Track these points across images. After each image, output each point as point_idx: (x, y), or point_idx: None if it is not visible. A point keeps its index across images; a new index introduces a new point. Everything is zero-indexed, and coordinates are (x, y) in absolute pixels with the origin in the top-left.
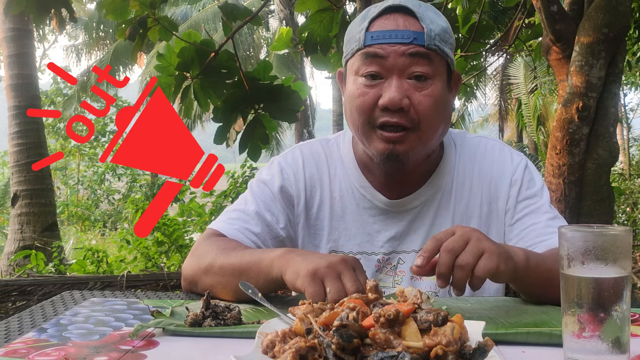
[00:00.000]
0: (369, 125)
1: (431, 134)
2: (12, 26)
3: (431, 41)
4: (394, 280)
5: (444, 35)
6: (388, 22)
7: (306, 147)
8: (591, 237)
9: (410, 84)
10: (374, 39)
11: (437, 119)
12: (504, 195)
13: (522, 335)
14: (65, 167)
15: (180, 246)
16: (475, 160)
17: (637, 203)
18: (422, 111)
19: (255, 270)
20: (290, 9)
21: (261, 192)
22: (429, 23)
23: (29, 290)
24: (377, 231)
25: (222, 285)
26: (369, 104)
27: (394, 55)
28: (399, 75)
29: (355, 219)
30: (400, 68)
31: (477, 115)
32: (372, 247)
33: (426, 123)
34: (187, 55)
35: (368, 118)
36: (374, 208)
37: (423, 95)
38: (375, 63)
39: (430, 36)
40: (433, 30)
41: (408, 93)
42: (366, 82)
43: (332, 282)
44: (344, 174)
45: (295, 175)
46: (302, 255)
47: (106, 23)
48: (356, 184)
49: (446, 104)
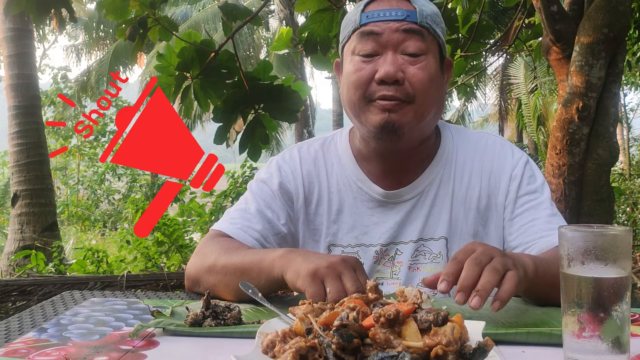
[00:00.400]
0: (365, 100)
1: (426, 108)
2: (12, 26)
3: (423, 19)
4: (391, 271)
5: (435, 18)
6: (382, 3)
7: (303, 145)
8: (591, 237)
9: (405, 59)
10: (369, 17)
11: (431, 93)
12: (503, 189)
13: (522, 335)
14: (65, 167)
15: (180, 246)
16: (475, 153)
17: (637, 203)
18: (416, 83)
19: (256, 270)
20: (290, 9)
21: (261, 191)
22: (421, 5)
23: (29, 290)
24: (375, 223)
25: (225, 284)
26: (365, 79)
27: (389, 32)
28: (393, 50)
29: (353, 212)
30: (394, 44)
31: (477, 115)
32: (369, 239)
33: (421, 96)
34: (187, 55)
35: (364, 92)
36: (371, 200)
37: (417, 68)
38: (370, 40)
39: (422, 15)
40: (425, 11)
41: (403, 67)
42: (362, 59)
43: (333, 282)
44: (340, 169)
45: (293, 172)
46: (302, 256)
47: (106, 23)
48: (353, 177)
49: (439, 83)
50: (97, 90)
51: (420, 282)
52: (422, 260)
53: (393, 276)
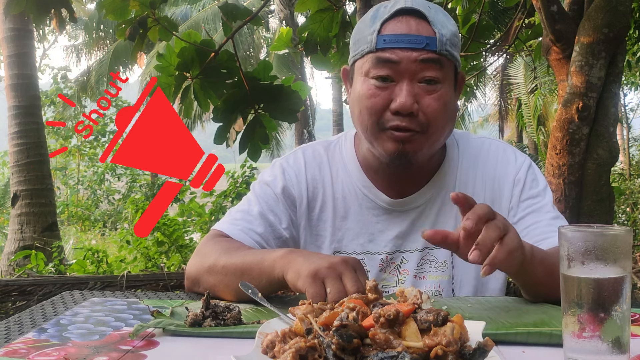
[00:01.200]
0: (379, 127)
1: (438, 136)
2: (12, 26)
3: (443, 46)
4: (397, 280)
5: (453, 40)
6: (401, 26)
7: (308, 149)
8: (591, 237)
9: (421, 88)
10: (386, 42)
11: (444, 121)
12: (507, 194)
13: (522, 335)
14: (65, 167)
15: (180, 246)
16: (478, 160)
17: (637, 203)
18: (431, 114)
19: (257, 270)
20: (290, 9)
21: (264, 193)
22: (441, 28)
23: (29, 290)
24: (380, 231)
25: (225, 284)
26: (379, 106)
27: (407, 61)
28: (410, 79)
29: (358, 219)
30: (412, 73)
31: (477, 115)
32: (375, 247)
33: (434, 126)
34: (187, 55)
35: (378, 120)
36: (376, 208)
37: (432, 99)
38: (387, 67)
39: (442, 42)
40: (444, 35)
41: (418, 97)
42: (377, 84)
43: (333, 282)
44: (346, 175)
45: (297, 176)
46: (303, 256)
47: (106, 23)
48: (359, 184)
49: (453, 107)
50: (97, 90)
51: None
52: (427, 269)
53: (399, 284)
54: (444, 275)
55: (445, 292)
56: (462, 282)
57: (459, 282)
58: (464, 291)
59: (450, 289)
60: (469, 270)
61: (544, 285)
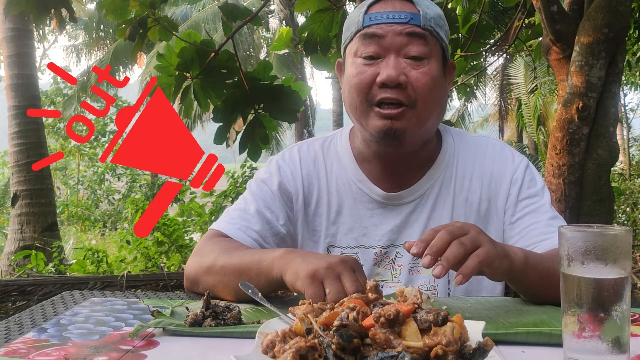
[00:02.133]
0: (367, 103)
1: (428, 113)
2: (12, 26)
3: (427, 22)
4: (392, 274)
5: (438, 20)
6: (386, 5)
7: (303, 145)
8: (591, 237)
9: (408, 63)
10: (372, 19)
11: (433, 98)
12: (503, 193)
13: (522, 335)
14: (65, 167)
15: (180, 246)
16: (476, 157)
17: (637, 203)
18: (419, 88)
19: (255, 270)
20: (290, 9)
21: (260, 191)
22: (425, 7)
23: (29, 290)
24: (375, 224)
25: (224, 284)
26: (367, 82)
27: (392, 35)
28: (396, 53)
29: (353, 212)
30: (397, 47)
31: (477, 115)
32: (369, 241)
33: (423, 100)
34: (187, 55)
35: (366, 96)
36: (371, 201)
37: (420, 72)
38: (373, 43)
39: (426, 18)
40: (428, 14)
41: (405, 70)
42: (365, 62)
43: (332, 283)
44: (340, 169)
45: (293, 172)
46: (302, 256)
47: (106, 23)
48: (353, 178)
49: (441, 86)
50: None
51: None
52: None
53: (393, 279)
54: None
55: (441, 287)
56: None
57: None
58: (459, 287)
59: (445, 284)
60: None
61: (539, 289)
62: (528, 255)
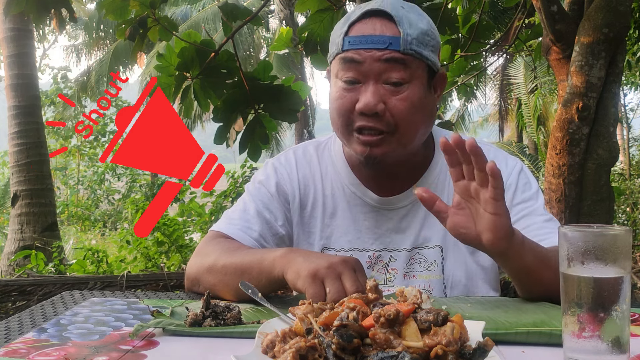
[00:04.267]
0: (348, 129)
1: (409, 137)
2: (12, 26)
3: (407, 46)
4: (386, 278)
5: (422, 39)
6: (366, 27)
7: (299, 149)
8: (591, 237)
9: (387, 89)
10: (351, 43)
11: (414, 122)
12: None
13: (522, 335)
14: (65, 167)
15: (180, 246)
16: None
17: (637, 203)
18: (398, 115)
19: (257, 269)
20: (290, 9)
21: (258, 192)
22: (407, 27)
23: (29, 290)
24: (368, 228)
25: (224, 284)
26: (346, 108)
27: (370, 61)
28: (375, 80)
29: (347, 216)
30: (376, 73)
31: (477, 115)
32: (363, 244)
33: (403, 126)
34: (187, 55)
35: (346, 121)
36: (364, 205)
37: (398, 99)
38: (352, 68)
39: (406, 40)
40: (410, 35)
41: (384, 98)
42: (344, 87)
43: (332, 282)
44: (334, 173)
45: (290, 175)
46: (303, 256)
47: (106, 23)
48: (347, 182)
49: (425, 105)
50: (97, 90)
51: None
52: (417, 268)
53: (387, 283)
54: (433, 274)
55: (436, 291)
56: (453, 282)
57: (450, 282)
58: (455, 291)
59: (441, 289)
60: (460, 270)
61: (535, 273)
62: (525, 237)
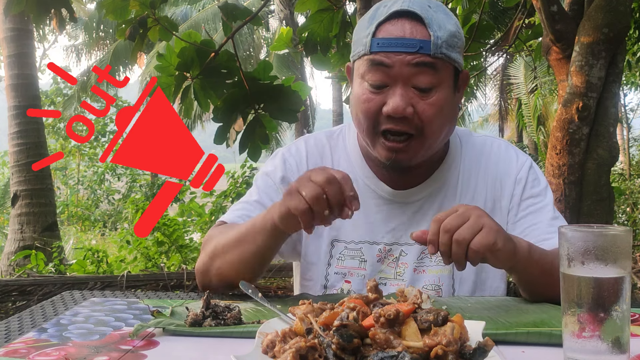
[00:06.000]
0: (374, 131)
1: (435, 139)
2: (12, 26)
3: (437, 49)
4: (396, 272)
5: (451, 41)
6: (395, 29)
7: (310, 138)
8: (591, 237)
9: (415, 93)
10: (379, 46)
11: (441, 125)
12: (507, 193)
13: (522, 335)
14: (65, 167)
15: (180, 246)
16: (481, 157)
17: (637, 203)
18: (426, 119)
19: (252, 234)
20: (290, 9)
21: (264, 184)
22: (437, 29)
23: (29, 290)
24: (380, 221)
25: (229, 263)
26: (373, 111)
27: (399, 65)
28: (403, 83)
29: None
30: (405, 77)
31: (477, 115)
32: (374, 237)
33: (430, 130)
34: (187, 55)
35: (372, 123)
36: (378, 198)
37: (427, 104)
38: (380, 71)
39: (437, 44)
40: (440, 38)
41: (412, 101)
42: (371, 89)
43: (304, 185)
44: (348, 165)
45: (298, 165)
46: (283, 196)
47: (106, 23)
48: (360, 174)
49: (451, 109)
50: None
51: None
52: (427, 263)
53: (397, 277)
54: (444, 269)
55: (446, 287)
56: (462, 277)
57: (459, 278)
58: (464, 287)
59: (450, 284)
60: (469, 266)
61: (540, 284)
62: (532, 247)
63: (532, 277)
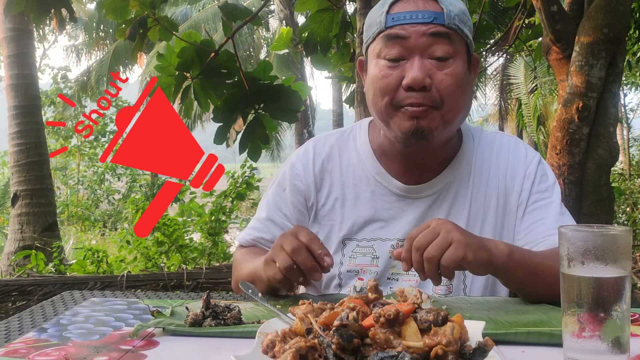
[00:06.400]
0: (393, 107)
1: (454, 113)
2: (12, 26)
3: (451, 21)
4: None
5: (462, 17)
6: (408, 4)
7: (319, 140)
8: (591, 237)
9: (432, 64)
10: (394, 20)
11: (459, 98)
12: (517, 188)
13: (522, 335)
14: (65, 167)
15: (180, 246)
16: (492, 153)
17: (637, 203)
18: (444, 90)
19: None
20: (290, 9)
21: (273, 196)
22: (448, 4)
23: (29, 290)
24: (393, 217)
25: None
26: (392, 85)
27: (416, 35)
28: (420, 55)
29: (370, 206)
30: (421, 48)
31: (477, 115)
32: (386, 234)
33: (449, 101)
34: (187, 55)
35: (391, 99)
36: (390, 194)
37: (445, 74)
38: (397, 44)
39: (450, 16)
40: (452, 11)
41: (430, 72)
42: (388, 64)
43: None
44: (358, 162)
45: (305, 168)
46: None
47: (106, 23)
48: (372, 171)
49: (467, 84)
50: (97, 90)
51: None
52: None
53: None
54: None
55: (456, 282)
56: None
57: (471, 276)
58: (475, 285)
59: (461, 279)
60: None
61: (526, 286)
62: (514, 250)
63: (516, 280)
